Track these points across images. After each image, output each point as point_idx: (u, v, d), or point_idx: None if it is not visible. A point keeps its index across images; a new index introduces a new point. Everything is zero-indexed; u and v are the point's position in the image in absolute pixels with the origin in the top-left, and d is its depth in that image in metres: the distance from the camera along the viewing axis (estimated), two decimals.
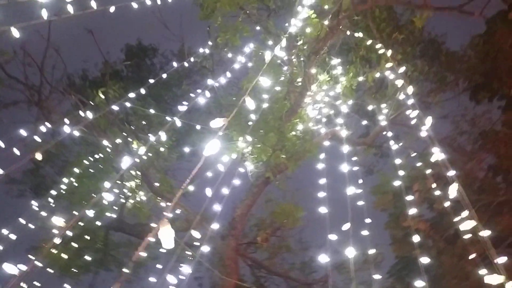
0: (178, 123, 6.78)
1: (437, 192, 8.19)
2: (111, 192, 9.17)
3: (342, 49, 10.90)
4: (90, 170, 9.95)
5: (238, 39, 8.33)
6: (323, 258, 5.86)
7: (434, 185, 8.76)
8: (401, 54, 9.45)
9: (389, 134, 9.82)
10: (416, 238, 10.65)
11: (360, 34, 8.32)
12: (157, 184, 9.30)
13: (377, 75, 9.99)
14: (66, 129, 5.13)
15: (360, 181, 8.84)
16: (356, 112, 10.66)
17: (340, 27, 7.02)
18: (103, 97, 8.72)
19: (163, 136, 8.92)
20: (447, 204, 8.34)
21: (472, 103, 11.86)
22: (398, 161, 8.42)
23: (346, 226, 5.61)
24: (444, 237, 10.52)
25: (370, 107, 10.54)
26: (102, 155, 10.00)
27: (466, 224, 3.08)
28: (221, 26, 8.49)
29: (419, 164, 9.94)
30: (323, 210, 6.21)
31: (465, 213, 6.07)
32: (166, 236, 2.20)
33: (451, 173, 4.47)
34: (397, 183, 8.37)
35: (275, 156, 7.46)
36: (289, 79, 8.04)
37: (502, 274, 3.54)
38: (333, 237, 5.49)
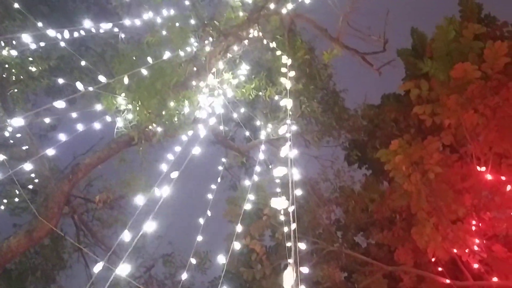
0: None
1: (285, 228, 8.62)
2: None
3: (254, 60, 11.16)
4: None
5: None
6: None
7: (282, 218, 9.18)
8: (303, 85, 9.89)
9: (261, 155, 10.13)
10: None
11: (274, 44, 8.55)
12: None
13: (276, 97, 10.38)
14: None
15: (219, 179, 8.89)
16: (242, 121, 10.85)
17: (257, 25, 7.14)
18: None
19: None
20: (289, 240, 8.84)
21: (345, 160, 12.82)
22: (252, 182, 8.70)
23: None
24: (273, 266, 10.93)
25: (257, 123, 10.81)
26: None
27: (277, 202, 3.12)
28: None
29: (278, 190, 10.35)
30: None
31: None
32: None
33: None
34: (248, 206, 8.63)
35: (147, 118, 7.18)
36: (194, 53, 7.92)
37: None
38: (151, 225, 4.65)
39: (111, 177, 10.49)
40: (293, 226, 2.64)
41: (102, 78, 9.35)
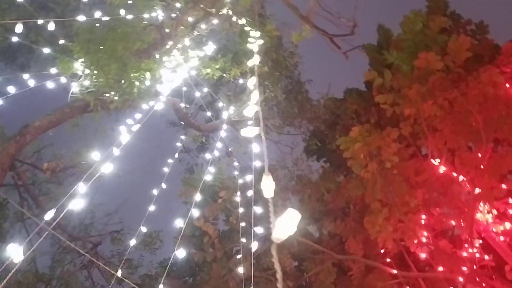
0: None
1: (241, 210, 8.51)
2: None
3: (221, 42, 10.99)
4: None
5: None
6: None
7: (238, 199, 9.08)
8: (268, 69, 9.80)
9: (223, 133, 9.97)
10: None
11: (243, 21, 8.39)
12: None
13: (240, 80, 10.25)
14: None
15: (176, 155, 8.67)
16: (205, 102, 10.65)
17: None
18: None
19: None
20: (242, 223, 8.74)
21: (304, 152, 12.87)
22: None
23: None
24: (224, 250, 10.82)
25: (220, 104, 10.65)
26: None
27: (248, 131, 2.96)
28: None
29: (236, 173, 10.26)
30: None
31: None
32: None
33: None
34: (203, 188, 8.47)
35: (105, 84, 6.85)
36: (161, 20, 7.65)
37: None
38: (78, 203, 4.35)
39: (63, 146, 10.02)
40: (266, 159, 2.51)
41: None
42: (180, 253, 6.87)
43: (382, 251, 9.48)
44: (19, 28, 6.29)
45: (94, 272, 11.48)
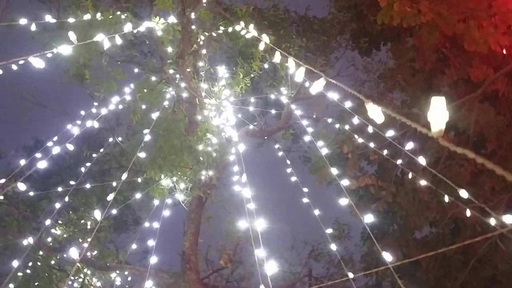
0: None
1: (372, 145, 8.39)
2: None
3: (223, 57, 11.11)
4: None
5: (114, 85, 8.18)
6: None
7: (360, 140, 8.96)
8: (274, 36, 9.68)
9: (298, 111, 9.97)
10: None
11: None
12: None
13: (265, 65, 10.26)
14: None
15: (288, 162, 8.82)
16: (259, 106, 10.80)
17: (192, 25, 7.07)
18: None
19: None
20: (385, 152, 8.59)
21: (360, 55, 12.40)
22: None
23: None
24: (392, 181, 10.66)
25: (272, 96, 10.72)
26: None
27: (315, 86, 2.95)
28: (93, 80, 8.35)
29: (337, 125, 10.15)
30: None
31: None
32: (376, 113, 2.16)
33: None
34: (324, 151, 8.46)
35: (193, 172, 7.23)
36: (175, 96, 7.97)
37: None
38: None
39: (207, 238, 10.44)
40: None
41: None
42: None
43: None
44: None
45: None
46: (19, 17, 4.81)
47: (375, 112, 2.27)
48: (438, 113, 1.76)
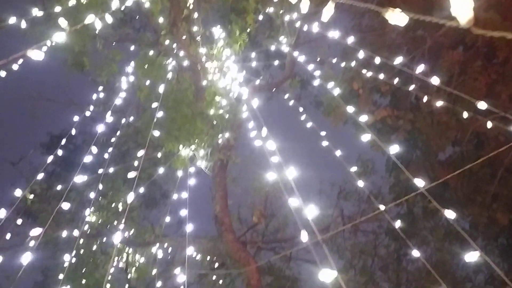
0: None
1: (381, 76, 8.25)
2: None
3: (216, 17, 10.84)
4: None
5: (114, 67, 8.13)
6: None
7: (369, 74, 8.83)
8: None
9: (301, 57, 9.80)
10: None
11: None
12: None
13: (259, 17, 10.01)
14: None
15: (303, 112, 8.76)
16: (261, 60, 10.64)
17: None
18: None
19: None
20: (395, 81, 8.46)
21: None
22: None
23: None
24: (408, 108, 10.59)
25: (272, 48, 10.52)
26: None
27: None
28: (92, 66, 8.31)
29: (343, 64, 9.99)
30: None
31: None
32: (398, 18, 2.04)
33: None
34: (336, 92, 8.36)
35: (210, 137, 7.28)
36: (177, 66, 7.89)
37: None
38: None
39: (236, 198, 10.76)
40: None
41: None
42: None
43: None
44: None
45: None
46: (7, 16, 4.73)
47: (397, 17, 2.15)
48: (462, 2, 1.67)
